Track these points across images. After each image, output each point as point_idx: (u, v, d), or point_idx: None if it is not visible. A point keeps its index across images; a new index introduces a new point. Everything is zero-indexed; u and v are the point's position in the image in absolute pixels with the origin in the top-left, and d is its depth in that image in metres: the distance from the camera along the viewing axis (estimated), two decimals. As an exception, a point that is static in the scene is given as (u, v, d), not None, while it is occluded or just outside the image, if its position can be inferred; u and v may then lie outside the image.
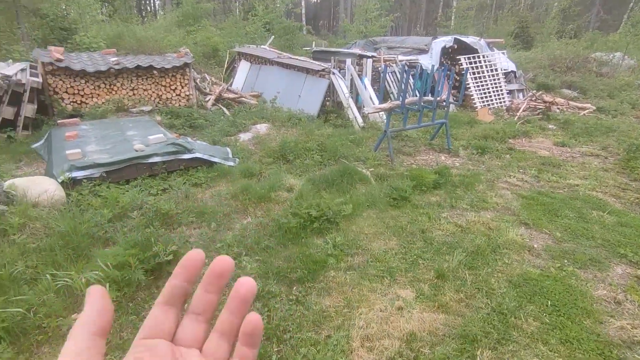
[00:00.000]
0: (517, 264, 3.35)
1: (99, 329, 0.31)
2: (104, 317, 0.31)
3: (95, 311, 0.31)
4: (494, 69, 10.40)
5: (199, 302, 0.36)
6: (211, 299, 0.36)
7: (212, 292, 0.36)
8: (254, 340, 0.35)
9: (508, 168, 5.74)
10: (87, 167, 4.32)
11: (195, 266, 0.35)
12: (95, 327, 0.31)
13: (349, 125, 7.71)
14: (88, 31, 11.83)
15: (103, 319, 0.31)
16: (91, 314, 0.31)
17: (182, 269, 0.35)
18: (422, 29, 34.92)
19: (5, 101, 5.94)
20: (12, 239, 3.11)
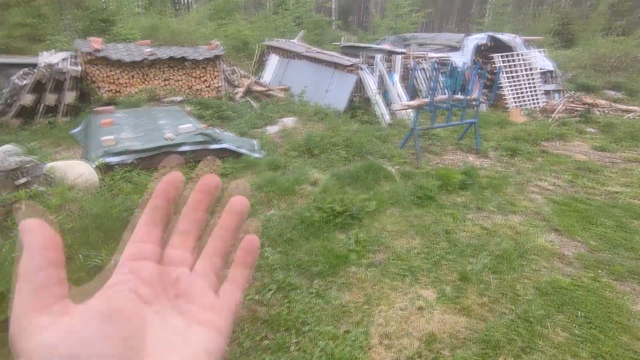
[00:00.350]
0: (546, 271, 3.23)
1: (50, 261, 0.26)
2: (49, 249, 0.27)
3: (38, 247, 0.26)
4: (529, 68, 10.00)
5: (187, 219, 0.34)
6: (200, 216, 0.34)
7: (200, 210, 0.34)
8: (251, 259, 0.35)
9: (540, 171, 5.52)
10: (120, 154, 4.49)
11: (175, 185, 0.33)
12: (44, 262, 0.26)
13: (376, 121, 7.64)
14: (125, 23, 12.26)
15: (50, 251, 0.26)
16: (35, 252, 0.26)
17: (163, 188, 0.33)
18: (455, 25, 34.01)
19: (48, 88, 6.25)
20: (50, 219, 3.27)
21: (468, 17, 31.16)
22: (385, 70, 8.54)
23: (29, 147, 4.81)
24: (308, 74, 9.32)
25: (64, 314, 0.26)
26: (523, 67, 9.94)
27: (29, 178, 3.40)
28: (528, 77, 9.97)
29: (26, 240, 0.26)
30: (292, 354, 2.32)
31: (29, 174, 3.41)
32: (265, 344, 2.38)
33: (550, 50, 15.94)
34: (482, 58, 10.66)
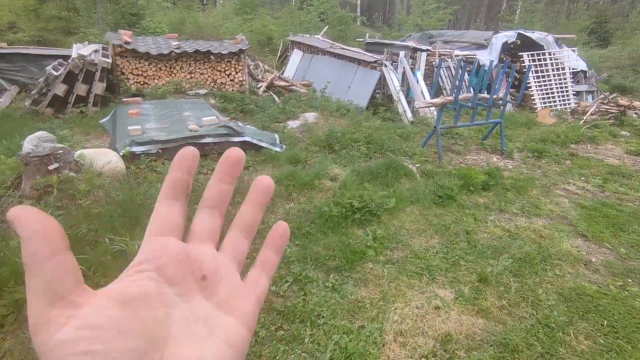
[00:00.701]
0: (570, 277, 3.13)
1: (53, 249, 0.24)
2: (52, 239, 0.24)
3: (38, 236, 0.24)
4: (560, 67, 9.65)
5: (214, 193, 0.34)
6: (226, 189, 0.34)
7: (227, 182, 0.34)
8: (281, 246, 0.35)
9: (567, 175, 5.33)
10: (146, 143, 4.61)
11: (192, 158, 0.32)
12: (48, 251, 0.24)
13: (398, 119, 7.55)
14: (154, 17, 12.55)
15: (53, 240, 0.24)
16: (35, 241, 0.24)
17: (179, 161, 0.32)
18: (483, 23, 33.10)
19: (80, 79, 6.48)
20: (79, 203, 3.41)
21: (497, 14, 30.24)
22: (409, 68, 8.41)
23: (61, 134, 5.01)
24: (331, 70, 9.30)
25: (82, 304, 0.24)
26: (553, 66, 9.60)
27: (61, 164, 3.54)
28: (559, 77, 9.62)
29: (22, 230, 0.23)
30: (306, 345, 2.34)
31: (61, 160, 3.56)
32: (280, 334, 2.41)
33: (584, 50, 15.31)
34: (510, 57, 10.36)
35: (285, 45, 12.90)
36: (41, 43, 10.18)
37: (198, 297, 0.29)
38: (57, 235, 0.24)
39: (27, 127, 5.49)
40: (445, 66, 9.55)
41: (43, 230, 0.24)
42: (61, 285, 0.24)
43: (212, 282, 0.30)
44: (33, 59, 7.75)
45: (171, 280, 0.28)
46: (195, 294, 0.29)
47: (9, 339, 2.23)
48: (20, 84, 7.54)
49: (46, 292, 0.24)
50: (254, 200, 0.35)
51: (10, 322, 2.30)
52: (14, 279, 2.42)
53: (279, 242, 0.36)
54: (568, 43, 11.49)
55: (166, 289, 0.28)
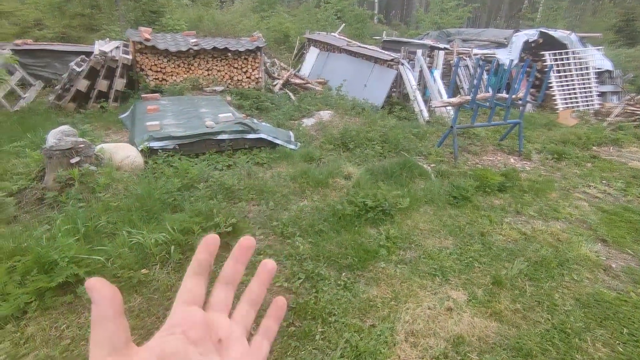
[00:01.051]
0: (588, 283, 3.05)
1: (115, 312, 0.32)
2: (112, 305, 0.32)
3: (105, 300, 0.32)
4: (584, 67, 9.38)
5: (229, 271, 0.41)
6: (239, 269, 0.41)
7: (240, 263, 0.41)
8: (280, 317, 0.44)
9: (588, 178, 5.19)
10: (163, 139, 4.70)
11: (215, 245, 0.40)
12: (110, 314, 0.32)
13: (414, 118, 7.48)
14: (173, 14, 12.73)
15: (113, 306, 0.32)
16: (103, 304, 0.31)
17: (205, 245, 0.40)
18: (503, 21, 32.39)
19: (101, 75, 6.64)
20: (99, 196, 3.51)
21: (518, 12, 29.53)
22: (426, 66, 8.31)
23: (82, 129, 5.15)
24: (347, 68, 9.27)
25: (132, 356, 0.31)
26: (577, 66, 9.33)
27: (82, 157, 3.65)
28: (582, 77, 9.36)
29: (94, 296, 0.31)
30: (317, 342, 2.35)
31: (82, 153, 3.66)
32: (292, 330, 2.43)
33: (611, 49, 14.82)
34: (532, 56, 10.12)
35: (302, 43, 12.91)
36: (65, 40, 10.46)
37: (215, 356, 0.35)
38: (118, 302, 0.32)
39: (51, 121, 5.67)
40: (464, 65, 9.40)
41: (110, 297, 0.32)
42: (118, 340, 0.32)
43: (226, 345, 0.37)
44: (57, 55, 7.99)
45: (194, 342, 0.34)
46: (213, 354, 0.35)
47: (32, 325, 2.32)
48: (44, 80, 7.77)
49: (107, 345, 0.31)
50: (260, 280, 0.43)
51: (33, 309, 2.38)
52: (37, 268, 2.51)
53: (278, 314, 0.44)
54: (593, 42, 11.14)
55: (191, 348, 0.34)
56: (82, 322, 2.39)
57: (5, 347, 2.17)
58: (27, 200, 3.50)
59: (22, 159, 4.22)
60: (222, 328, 0.38)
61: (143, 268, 2.88)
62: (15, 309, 2.33)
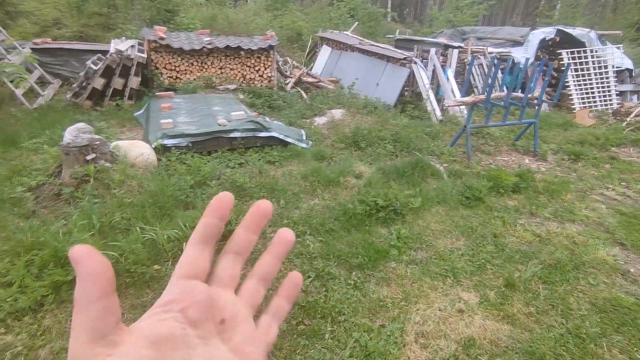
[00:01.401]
0: (605, 287, 2.98)
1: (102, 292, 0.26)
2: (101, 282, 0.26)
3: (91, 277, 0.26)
4: (603, 65, 9.14)
5: (239, 240, 0.36)
6: (251, 238, 0.36)
7: (253, 232, 0.36)
8: (293, 295, 0.38)
9: (606, 179, 5.07)
10: (177, 136, 4.76)
11: (226, 205, 0.34)
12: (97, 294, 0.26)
13: (426, 117, 7.41)
14: (187, 13, 12.87)
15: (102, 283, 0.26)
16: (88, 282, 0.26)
17: (214, 207, 0.34)
18: (520, 19, 31.79)
19: (117, 73, 6.76)
20: (113, 193, 3.57)
21: (535, 10, 28.93)
22: (440, 65, 8.22)
23: (98, 126, 5.25)
24: (359, 67, 9.23)
25: (120, 343, 0.26)
26: (595, 64, 9.11)
27: (98, 154, 3.72)
28: (601, 76, 9.12)
29: (78, 269, 0.26)
30: (326, 341, 2.35)
31: (98, 150, 3.73)
32: (301, 328, 2.43)
33: (632, 47, 14.41)
34: (548, 54, 9.91)
35: (314, 41, 12.91)
36: (82, 39, 10.66)
37: (216, 340, 0.31)
38: (108, 278, 0.26)
39: (68, 118, 5.79)
40: (478, 64, 9.27)
41: (96, 273, 0.26)
42: (104, 325, 0.26)
43: (230, 327, 0.33)
44: (75, 53, 8.15)
45: (194, 322, 0.30)
46: (213, 337, 0.31)
47: (48, 317, 2.38)
48: (62, 78, 7.94)
49: (90, 330, 0.26)
50: (275, 253, 0.37)
51: (50, 302, 2.44)
52: (54, 262, 2.57)
53: (292, 292, 0.38)
54: (613, 40, 10.85)
55: (189, 330, 0.29)
56: (96, 315, 2.44)
57: (22, 338, 2.23)
58: (45, 195, 3.59)
59: (40, 155, 4.32)
60: (226, 306, 0.33)
61: (155, 264, 2.92)
62: (33, 301, 2.39)
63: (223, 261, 0.35)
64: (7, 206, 3.38)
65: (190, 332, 0.29)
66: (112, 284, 0.27)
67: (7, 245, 2.70)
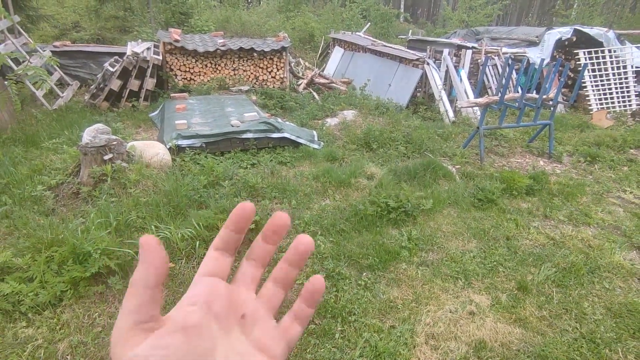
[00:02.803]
0: (621, 292, 2.93)
1: (156, 282, 0.30)
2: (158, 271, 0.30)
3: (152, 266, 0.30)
4: (622, 65, 8.93)
5: (258, 249, 0.37)
6: (269, 249, 0.37)
7: (270, 243, 0.37)
8: (315, 300, 0.38)
9: (624, 182, 4.96)
10: (191, 137, 4.84)
11: (246, 218, 0.36)
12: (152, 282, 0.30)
13: (439, 118, 7.37)
14: (201, 15, 13.05)
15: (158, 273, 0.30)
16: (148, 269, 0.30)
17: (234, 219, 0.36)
18: (535, 19, 31.26)
19: (133, 75, 6.90)
20: (129, 192, 3.66)
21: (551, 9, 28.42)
22: (453, 66, 8.16)
23: (114, 127, 5.38)
24: (371, 68, 9.22)
25: (156, 329, 0.30)
26: (613, 64, 8.91)
27: (114, 154, 3.81)
28: (619, 76, 8.92)
29: (143, 257, 0.30)
30: (336, 340, 2.37)
31: (115, 150, 3.83)
32: (312, 328, 2.46)
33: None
34: (565, 54, 9.74)
35: (327, 42, 12.94)
36: (100, 41, 10.92)
37: (237, 333, 0.33)
38: (164, 271, 0.31)
39: (86, 119, 5.95)
40: (492, 64, 9.16)
41: (158, 264, 0.30)
42: (150, 311, 0.30)
43: (250, 322, 0.35)
44: (93, 56, 8.35)
45: (217, 315, 0.32)
46: (235, 330, 0.33)
47: (67, 312, 2.46)
48: (81, 79, 8.15)
49: (136, 313, 0.30)
50: (294, 260, 0.38)
51: (68, 297, 2.52)
52: (72, 258, 2.66)
53: (314, 297, 0.38)
54: (633, 39, 10.59)
55: (212, 322, 0.32)
56: (113, 311, 2.51)
57: (42, 332, 2.31)
58: (64, 194, 3.70)
59: (60, 155, 4.46)
60: (247, 303, 0.35)
61: (170, 262, 2.98)
62: (52, 296, 2.47)
63: (243, 266, 0.38)
64: (28, 204, 3.50)
65: (213, 324, 0.32)
66: (165, 277, 0.31)
67: (28, 241, 2.79)
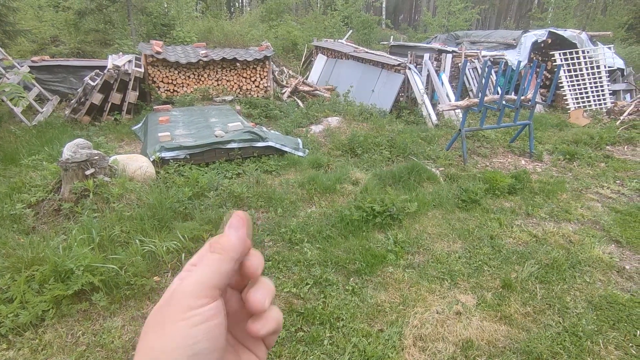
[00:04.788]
0: (601, 285, 3.00)
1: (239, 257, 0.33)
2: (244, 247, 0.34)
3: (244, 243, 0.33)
4: (595, 66, 9.24)
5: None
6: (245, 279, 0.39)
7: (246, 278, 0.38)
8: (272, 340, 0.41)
9: (601, 178, 5.11)
10: (174, 149, 4.81)
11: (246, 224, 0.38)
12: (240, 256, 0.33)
13: (422, 122, 7.48)
14: (183, 26, 13.03)
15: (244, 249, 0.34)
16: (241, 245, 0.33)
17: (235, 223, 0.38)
18: (513, 22, 32.10)
19: (115, 88, 6.84)
20: (112, 206, 3.61)
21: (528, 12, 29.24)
22: (434, 70, 8.31)
23: (96, 141, 5.30)
24: (354, 74, 9.33)
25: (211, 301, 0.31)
26: (587, 65, 9.21)
27: (96, 169, 3.76)
28: (593, 76, 9.22)
29: (236, 232, 0.33)
30: (325, 347, 2.37)
31: (97, 165, 3.78)
32: (300, 335, 2.46)
33: (623, 46, 14.58)
34: (541, 56, 10.03)
35: (310, 50, 13.05)
36: (80, 55, 10.80)
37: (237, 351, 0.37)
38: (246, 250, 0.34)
39: (67, 134, 5.86)
40: (472, 67, 9.37)
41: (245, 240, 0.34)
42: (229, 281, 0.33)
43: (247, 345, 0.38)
44: (73, 70, 8.25)
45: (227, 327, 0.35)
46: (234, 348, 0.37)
47: (49, 332, 2.40)
48: (61, 94, 8.03)
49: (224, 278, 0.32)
50: None
51: (50, 316, 2.47)
52: (54, 277, 2.60)
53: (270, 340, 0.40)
54: (604, 40, 10.97)
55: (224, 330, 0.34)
56: (97, 328, 2.46)
57: (24, 353, 2.25)
58: (45, 211, 3.63)
59: (39, 172, 4.37)
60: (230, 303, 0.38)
61: (155, 275, 2.95)
62: (34, 316, 2.42)
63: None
64: (7, 223, 3.42)
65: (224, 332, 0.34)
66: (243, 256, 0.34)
67: (7, 262, 2.73)
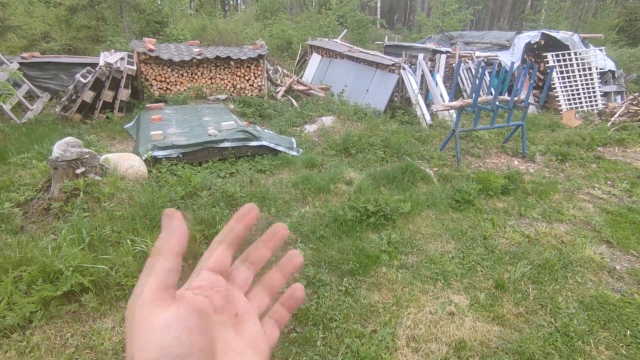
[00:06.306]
0: (592, 285, 3.03)
1: (180, 251, 0.33)
2: (182, 240, 0.33)
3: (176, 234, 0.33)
4: (587, 67, 9.33)
5: (255, 253, 0.40)
6: (265, 253, 0.40)
7: (268, 248, 0.40)
8: (294, 306, 0.41)
9: (593, 179, 5.16)
10: (167, 148, 4.76)
11: (252, 218, 0.39)
12: (177, 250, 0.33)
13: (416, 122, 7.50)
14: (177, 24, 12.92)
15: (182, 241, 0.33)
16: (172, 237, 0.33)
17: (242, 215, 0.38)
18: (507, 23, 32.36)
19: (106, 86, 6.76)
20: (103, 206, 3.56)
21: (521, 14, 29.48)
22: (428, 70, 8.33)
23: (88, 139, 5.23)
24: (349, 73, 9.32)
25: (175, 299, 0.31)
26: (579, 66, 9.30)
27: (87, 168, 3.71)
28: (585, 78, 9.31)
29: (169, 225, 0.33)
30: (318, 348, 2.36)
31: (87, 164, 3.72)
32: (293, 336, 2.44)
33: (613, 49, 14.75)
34: (534, 57, 10.11)
35: (304, 49, 13.02)
36: (71, 52, 10.65)
37: (230, 330, 0.35)
38: (186, 242, 0.33)
39: (57, 132, 5.77)
40: (466, 68, 9.41)
41: (182, 233, 0.33)
42: (173, 278, 0.32)
43: (242, 321, 0.37)
44: (64, 67, 8.14)
45: (217, 309, 0.34)
46: (228, 327, 0.35)
47: (37, 334, 2.36)
48: (51, 91, 7.92)
49: (162, 278, 0.31)
50: (282, 271, 0.42)
51: (38, 318, 2.42)
52: (42, 277, 2.56)
53: (293, 304, 0.42)
54: (595, 42, 11.09)
55: (213, 314, 0.34)
56: (87, 330, 2.42)
57: (11, 356, 2.21)
58: (34, 210, 3.57)
59: (29, 170, 4.30)
60: (240, 303, 0.38)
61: (146, 276, 2.91)
62: (21, 318, 2.37)
63: (238, 267, 0.39)
64: (-5, 222, 3.36)
65: (214, 316, 0.34)
66: (185, 248, 0.33)
67: (-5, 262, 2.67)
